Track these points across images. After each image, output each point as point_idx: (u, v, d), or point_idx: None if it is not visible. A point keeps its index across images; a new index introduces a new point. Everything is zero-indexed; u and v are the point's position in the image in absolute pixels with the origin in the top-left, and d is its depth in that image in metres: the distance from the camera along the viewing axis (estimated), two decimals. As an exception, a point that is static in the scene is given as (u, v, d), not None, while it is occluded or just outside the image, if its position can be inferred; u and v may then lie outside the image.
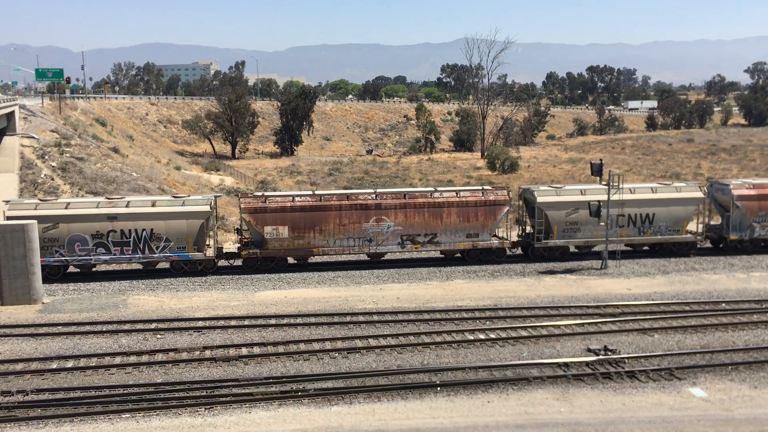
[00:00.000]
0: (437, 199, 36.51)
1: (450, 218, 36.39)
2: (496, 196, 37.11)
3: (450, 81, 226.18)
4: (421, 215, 36.20)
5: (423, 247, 36.61)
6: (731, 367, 22.54)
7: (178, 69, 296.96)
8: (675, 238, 38.46)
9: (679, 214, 38.32)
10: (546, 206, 37.42)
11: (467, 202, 36.61)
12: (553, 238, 37.60)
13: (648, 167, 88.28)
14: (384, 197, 36.32)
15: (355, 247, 36.11)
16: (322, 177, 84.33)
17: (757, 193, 39.33)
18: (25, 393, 20.42)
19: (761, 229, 39.40)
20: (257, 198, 35.97)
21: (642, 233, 38.31)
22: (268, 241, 35.42)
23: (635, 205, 37.94)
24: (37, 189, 50.79)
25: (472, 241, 36.80)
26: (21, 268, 29.97)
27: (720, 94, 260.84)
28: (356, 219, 35.74)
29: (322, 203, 35.69)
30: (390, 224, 35.86)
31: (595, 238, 37.78)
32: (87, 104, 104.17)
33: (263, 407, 19.78)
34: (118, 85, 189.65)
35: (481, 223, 36.65)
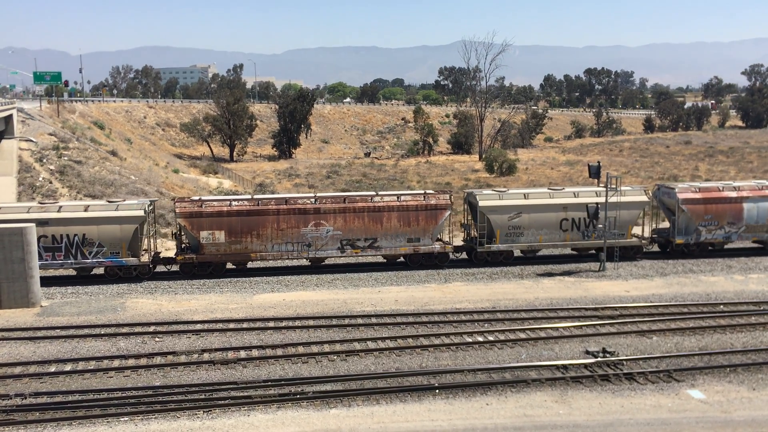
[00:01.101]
0: (377, 203, 36.07)
1: (390, 222, 35.99)
2: (437, 200, 36.64)
3: (448, 83, 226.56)
4: (361, 219, 35.80)
5: (363, 251, 36.22)
6: (730, 368, 22.57)
7: (176, 72, 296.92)
8: (620, 242, 37.78)
9: (623, 218, 37.66)
10: (488, 210, 37.00)
11: (408, 206, 36.13)
12: (496, 242, 37.23)
13: (646, 169, 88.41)
14: (323, 201, 35.90)
15: (294, 252, 35.60)
16: (320, 180, 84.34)
17: (703, 196, 38.67)
18: (23, 396, 20.39)
19: (707, 232, 38.80)
20: (193, 202, 35.50)
21: (586, 237, 37.85)
22: (205, 246, 34.93)
23: (579, 209, 37.35)
24: (35, 192, 50.78)
25: (413, 246, 36.36)
26: (19, 271, 29.94)
27: (717, 96, 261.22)
28: (294, 223, 35.31)
29: (260, 207, 35.22)
30: (329, 229, 35.49)
31: (539, 242, 37.48)
32: (85, 107, 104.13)
33: (262, 410, 19.77)
34: (116, 88, 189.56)
35: (422, 228, 36.22)
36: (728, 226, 38.98)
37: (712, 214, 38.73)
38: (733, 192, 39.29)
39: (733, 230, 39.00)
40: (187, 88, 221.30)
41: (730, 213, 38.89)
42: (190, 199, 36.36)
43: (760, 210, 39.08)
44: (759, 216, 39.08)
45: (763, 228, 39.31)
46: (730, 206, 38.90)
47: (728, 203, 38.89)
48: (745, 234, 39.36)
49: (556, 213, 37.42)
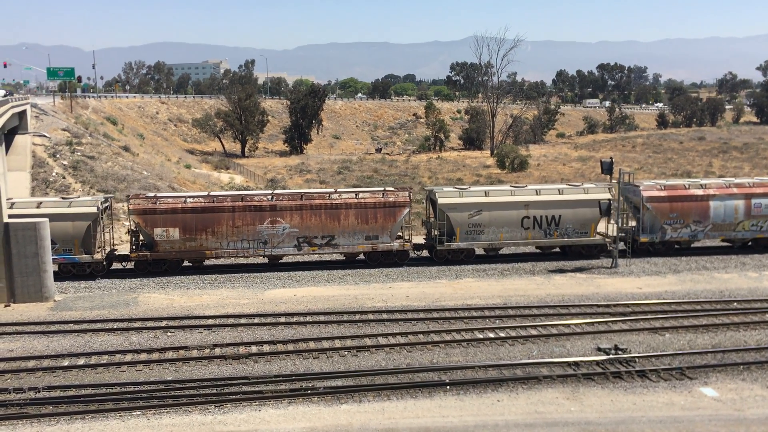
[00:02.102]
0: (335, 200, 35.68)
1: (348, 220, 35.54)
2: (396, 197, 36.18)
3: (459, 79, 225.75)
4: (318, 217, 35.38)
5: (320, 249, 35.81)
6: (743, 366, 22.40)
7: (188, 68, 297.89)
8: (583, 240, 37.38)
9: (586, 216, 37.11)
10: (447, 208, 36.52)
11: (366, 203, 35.72)
12: (456, 240, 36.73)
13: (659, 165, 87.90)
14: (280, 198, 35.57)
15: (249, 249, 35.31)
16: (331, 175, 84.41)
17: (668, 194, 37.78)
18: (36, 390, 20.53)
19: (673, 231, 37.82)
20: (148, 199, 35.19)
21: (548, 235, 37.34)
22: (159, 243, 34.65)
23: (541, 207, 36.96)
24: (48, 187, 51.12)
25: (371, 244, 35.88)
26: (33, 265, 30.16)
27: (732, 92, 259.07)
28: (250, 221, 34.96)
29: (215, 204, 34.93)
30: (285, 226, 35.13)
31: (500, 241, 37.03)
32: (98, 103, 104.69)
33: (273, 405, 19.82)
34: (129, 84, 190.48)
35: (381, 225, 35.75)
36: (694, 225, 38.08)
37: (677, 212, 37.82)
38: (699, 190, 38.32)
39: (699, 229, 38.07)
40: (199, 83, 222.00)
41: (696, 211, 37.96)
42: (145, 196, 35.94)
43: (727, 208, 38.12)
44: (726, 214, 38.12)
45: (731, 226, 38.31)
46: (697, 204, 37.93)
47: (694, 201, 37.94)
48: (711, 232, 38.42)
49: (517, 211, 36.79)
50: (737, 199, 38.23)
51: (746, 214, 38.22)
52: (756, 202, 38.19)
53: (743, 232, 38.66)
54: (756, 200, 38.20)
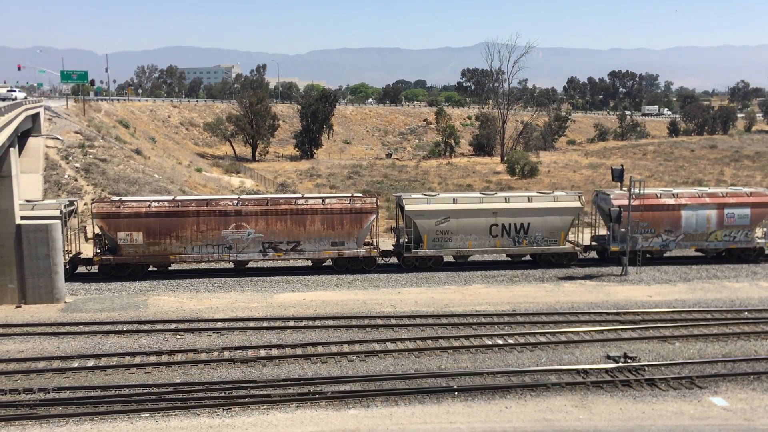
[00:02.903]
0: (300, 206, 35.57)
1: (314, 226, 35.42)
2: (363, 203, 36.03)
3: (470, 85, 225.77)
4: (284, 222, 35.25)
5: (286, 254, 35.63)
6: (753, 376, 22.26)
7: (200, 72, 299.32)
8: (552, 248, 37.18)
9: (555, 224, 36.95)
10: (415, 214, 36.31)
11: (332, 209, 35.61)
12: (424, 247, 36.52)
13: (670, 173, 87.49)
14: (245, 204, 35.47)
15: (214, 254, 35.14)
16: (341, 180, 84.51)
17: (640, 203, 37.07)
18: (46, 391, 20.66)
19: (644, 240, 37.32)
20: (112, 203, 35.08)
21: (517, 243, 37.04)
22: (122, 248, 34.55)
23: (509, 214, 36.75)
24: (60, 189, 51.45)
25: (337, 250, 35.78)
26: (44, 267, 30.36)
27: (744, 100, 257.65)
28: (215, 225, 34.81)
29: (179, 209, 34.83)
30: (250, 231, 35.00)
31: (468, 248, 36.72)
32: (110, 106, 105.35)
33: (281, 409, 19.85)
34: (141, 88, 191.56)
35: (347, 231, 35.63)
36: (666, 234, 37.70)
37: (648, 222, 37.40)
38: (671, 199, 37.94)
39: (671, 238, 37.65)
40: (210, 87, 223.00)
41: (667, 220, 37.58)
42: (110, 200, 35.83)
43: (699, 218, 37.70)
44: (698, 224, 37.70)
45: (703, 236, 37.86)
46: (668, 213, 37.58)
47: (666, 210, 37.60)
48: (683, 242, 37.97)
49: (485, 218, 36.57)
50: (709, 209, 37.79)
51: (719, 224, 37.77)
52: (729, 212, 37.75)
53: (716, 242, 38.16)
54: (729, 210, 37.75)
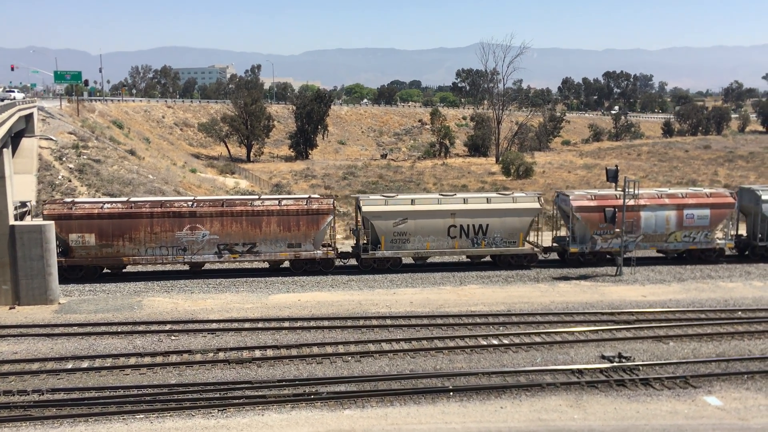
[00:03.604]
0: (256, 207, 35.29)
1: (270, 227, 35.12)
2: (319, 205, 35.77)
3: (465, 86, 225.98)
4: (239, 224, 34.95)
5: (242, 256, 35.31)
6: (747, 375, 22.35)
7: (195, 72, 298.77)
8: (511, 249, 36.98)
9: (514, 225, 36.78)
10: (372, 216, 36.11)
11: (288, 211, 35.34)
12: (381, 248, 36.29)
13: (664, 174, 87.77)
14: (200, 205, 35.22)
15: (168, 256, 34.84)
16: (336, 181, 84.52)
17: (598, 204, 37.00)
18: (40, 392, 20.60)
19: (603, 241, 37.12)
20: (64, 204, 34.72)
21: (476, 244, 36.80)
22: (74, 249, 34.20)
23: (467, 216, 36.52)
24: (54, 190, 51.30)
25: (294, 251, 35.52)
26: (38, 268, 30.28)
27: (737, 101, 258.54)
28: (169, 227, 34.52)
29: (132, 210, 34.51)
30: (205, 233, 34.69)
31: (426, 249, 36.53)
32: (104, 107, 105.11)
33: (276, 410, 19.83)
34: (136, 88, 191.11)
35: (303, 233, 35.36)
36: (625, 235, 37.39)
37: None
38: (630, 200, 37.50)
39: (630, 239, 37.45)
40: (205, 88, 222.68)
41: (627, 221, 37.26)
42: (62, 201, 35.49)
43: (658, 219, 37.63)
44: (657, 225, 37.64)
45: (662, 237, 37.79)
46: (627, 214, 37.20)
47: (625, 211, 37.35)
48: (643, 243, 37.83)
49: (443, 219, 36.36)
50: (669, 210, 37.73)
51: (678, 225, 37.67)
52: (688, 213, 37.70)
53: (675, 243, 38.08)
54: (688, 211, 37.70)
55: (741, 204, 39.96)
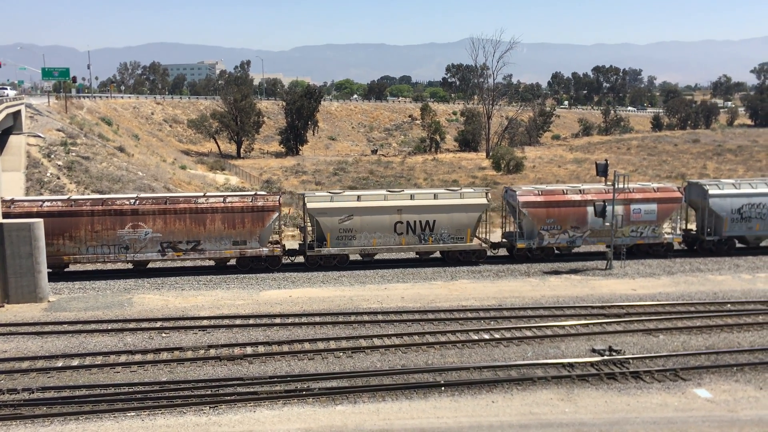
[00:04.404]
0: (200, 204, 34.95)
1: (214, 225, 34.76)
2: (265, 201, 35.43)
3: (455, 81, 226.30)
4: (183, 221, 34.59)
5: (186, 254, 34.95)
6: (736, 368, 22.50)
7: (184, 68, 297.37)
8: (459, 246, 36.74)
9: (461, 221, 36.52)
10: (317, 212, 35.88)
11: (233, 208, 34.99)
12: (327, 245, 36.15)
13: (653, 168, 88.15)
14: (142, 203, 34.78)
15: (110, 255, 34.32)
16: (327, 176, 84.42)
17: (545, 199, 37.03)
18: (30, 391, 20.50)
19: (550, 237, 37.11)
20: (3, 203, 33.51)
21: (423, 241, 36.54)
22: None
23: (414, 212, 36.29)
24: (43, 188, 50.99)
25: (239, 249, 35.18)
26: (27, 266, 30.09)
27: (726, 95, 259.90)
28: (110, 225, 34.06)
29: (72, 209, 33.96)
30: (148, 231, 34.31)
31: (373, 246, 36.29)
32: (93, 103, 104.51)
33: (268, 406, 19.82)
34: (124, 85, 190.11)
35: (248, 230, 35.03)
36: (572, 231, 37.41)
37: (554, 218, 37.11)
38: (577, 195, 37.62)
39: (577, 234, 37.39)
40: (194, 84, 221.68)
41: (573, 217, 37.26)
42: (1, 199, 34.60)
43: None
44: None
45: (609, 232, 37.25)
46: (574, 210, 37.19)
47: (572, 207, 37.21)
48: (590, 238, 37.69)
49: (389, 216, 36.10)
50: (616, 205, 37.22)
51: (625, 219, 37.52)
52: (635, 207, 37.55)
53: (623, 238, 37.86)
54: (635, 206, 37.54)
55: (690, 199, 40.12)
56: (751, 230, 39.24)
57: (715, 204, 38.69)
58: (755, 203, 38.96)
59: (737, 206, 38.84)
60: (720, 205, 38.72)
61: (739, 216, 38.93)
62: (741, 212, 38.91)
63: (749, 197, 38.99)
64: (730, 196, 38.90)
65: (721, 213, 38.74)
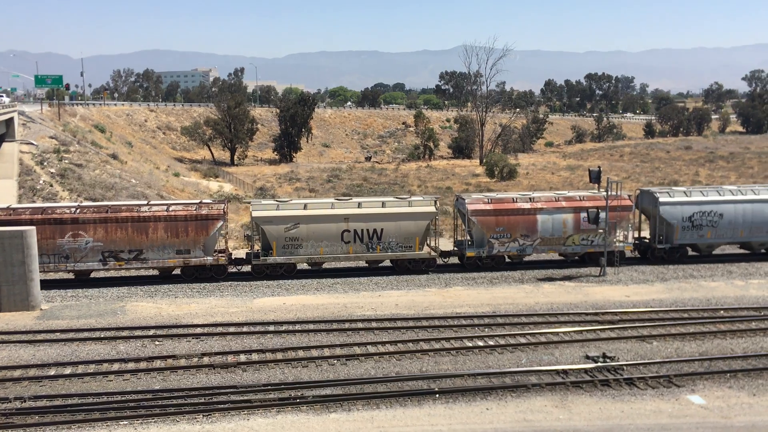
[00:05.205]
0: (142, 213, 34.57)
1: (157, 233, 34.39)
2: (209, 210, 35.10)
3: (449, 88, 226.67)
4: (124, 230, 34.20)
5: (128, 263, 34.51)
6: (730, 374, 22.55)
7: (178, 76, 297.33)
8: (407, 254, 36.43)
9: (409, 230, 36.29)
10: (263, 221, 35.52)
11: (176, 216, 34.64)
12: (273, 254, 35.74)
13: (646, 174, 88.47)
14: (83, 211, 34.36)
15: (50, 264, 33.78)
16: (320, 184, 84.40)
17: (494, 208, 36.99)
18: (22, 400, 20.37)
19: (500, 245, 36.98)
20: None
21: (371, 249, 36.21)
22: None
23: (361, 220, 35.97)
24: (35, 195, 50.80)
25: (183, 258, 34.84)
26: (19, 274, 29.94)
27: (718, 102, 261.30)
28: (50, 234, 33.51)
29: (11, 218, 33.39)
30: (89, 240, 33.81)
31: (320, 255, 35.98)
32: (86, 111, 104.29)
33: (261, 414, 19.75)
34: (117, 92, 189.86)
35: (192, 239, 34.62)
36: (522, 239, 37.26)
37: (504, 226, 37.01)
38: (526, 203, 37.51)
39: (527, 243, 37.27)
40: (188, 91, 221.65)
41: (523, 225, 37.11)
42: None
43: (555, 222, 37.29)
44: (554, 228, 37.29)
45: (560, 240, 37.49)
46: (524, 218, 37.11)
47: (521, 215, 37.12)
48: (540, 246, 37.56)
49: (336, 224, 35.82)
50: (566, 213, 37.44)
51: (575, 228, 37.40)
52: (585, 215, 37.14)
53: (573, 247, 37.79)
54: (585, 214, 37.09)
55: (642, 207, 40.11)
56: (703, 238, 39.04)
57: (666, 212, 38.49)
58: (706, 211, 38.75)
59: (688, 214, 38.62)
60: (671, 213, 38.53)
61: (690, 224, 38.71)
62: (692, 220, 38.69)
63: (700, 205, 38.75)
64: (681, 204, 38.67)
65: (672, 221, 38.52)
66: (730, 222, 38.87)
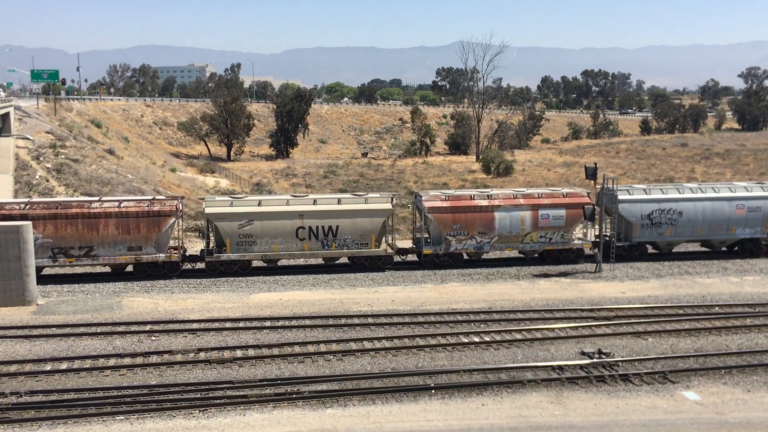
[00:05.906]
0: (93, 209, 33.98)
1: (108, 230, 33.84)
2: (161, 206, 34.64)
3: (445, 84, 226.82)
4: (74, 226, 33.54)
5: (78, 260, 33.91)
6: (725, 370, 22.64)
7: (174, 71, 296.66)
8: (364, 251, 36.11)
9: (365, 227, 35.87)
10: (216, 217, 35.04)
11: (128, 212, 34.11)
12: (227, 251, 35.29)
13: (642, 171, 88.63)
14: (33, 207, 33.68)
15: None
16: (317, 179, 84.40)
17: (451, 205, 36.53)
18: (18, 395, 20.37)
19: (457, 243, 36.60)
20: None
21: (326, 246, 35.83)
22: None
23: (316, 217, 35.58)
24: (31, 190, 50.70)
25: (134, 255, 34.31)
26: (15, 269, 29.88)
27: (714, 99, 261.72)
28: None
29: None
30: (38, 236, 32.92)
31: (275, 252, 35.57)
32: (82, 106, 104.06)
33: (258, 409, 19.78)
34: (114, 87, 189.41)
35: (144, 236, 34.13)
36: (479, 236, 36.93)
37: (461, 224, 36.57)
38: (484, 200, 37.19)
39: (485, 240, 36.97)
40: (184, 87, 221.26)
41: (480, 222, 36.63)
42: None
43: (513, 219, 37.01)
44: (512, 226, 37.00)
45: (518, 238, 37.22)
46: (481, 215, 36.64)
47: (478, 212, 36.62)
48: (498, 244, 37.26)
49: (291, 221, 35.32)
50: (524, 210, 37.12)
51: (533, 225, 37.16)
52: (543, 213, 37.10)
53: (531, 244, 37.56)
54: (543, 211, 37.08)
55: (605, 204, 39.70)
56: (662, 236, 38.84)
57: (625, 209, 38.27)
58: (665, 209, 38.54)
59: (647, 212, 38.38)
60: (629, 210, 38.31)
61: (650, 221, 38.47)
62: (651, 218, 38.43)
63: (659, 203, 38.52)
64: (640, 201, 38.42)
65: (631, 218, 38.31)
66: (690, 220, 38.67)
